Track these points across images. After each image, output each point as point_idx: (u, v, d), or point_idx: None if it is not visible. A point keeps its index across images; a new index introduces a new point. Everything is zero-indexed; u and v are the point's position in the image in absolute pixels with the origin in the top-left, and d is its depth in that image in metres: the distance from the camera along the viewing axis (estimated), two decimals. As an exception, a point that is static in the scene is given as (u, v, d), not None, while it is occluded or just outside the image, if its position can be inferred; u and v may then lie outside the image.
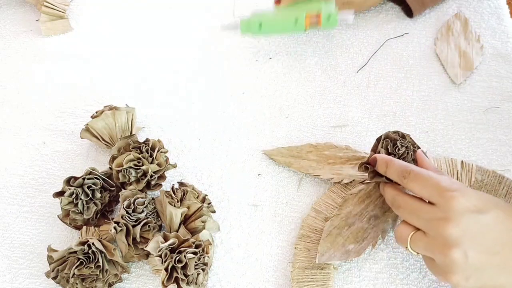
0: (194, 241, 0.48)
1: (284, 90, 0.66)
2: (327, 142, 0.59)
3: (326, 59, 0.69)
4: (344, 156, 0.57)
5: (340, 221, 0.52)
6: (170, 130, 0.62)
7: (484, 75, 0.65)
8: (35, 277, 0.51)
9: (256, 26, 0.65)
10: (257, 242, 0.53)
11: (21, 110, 0.65)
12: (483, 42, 0.68)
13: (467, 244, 0.40)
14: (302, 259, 0.50)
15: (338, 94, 0.65)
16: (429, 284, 0.49)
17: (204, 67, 0.69)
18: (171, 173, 0.58)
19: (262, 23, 0.65)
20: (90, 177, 0.52)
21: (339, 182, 0.55)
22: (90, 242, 0.47)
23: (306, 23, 0.65)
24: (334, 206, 0.54)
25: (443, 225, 0.41)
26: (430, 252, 0.43)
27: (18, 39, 0.73)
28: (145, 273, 0.51)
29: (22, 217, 0.55)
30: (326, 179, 0.55)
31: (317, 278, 0.49)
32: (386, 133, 0.51)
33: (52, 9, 0.73)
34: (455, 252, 0.40)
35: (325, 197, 0.55)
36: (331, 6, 0.64)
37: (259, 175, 0.58)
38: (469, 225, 0.41)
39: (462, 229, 0.41)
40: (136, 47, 0.72)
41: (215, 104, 0.65)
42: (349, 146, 0.58)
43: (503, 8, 0.72)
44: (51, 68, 0.70)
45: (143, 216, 0.50)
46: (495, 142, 0.59)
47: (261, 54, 0.70)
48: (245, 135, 0.61)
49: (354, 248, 0.50)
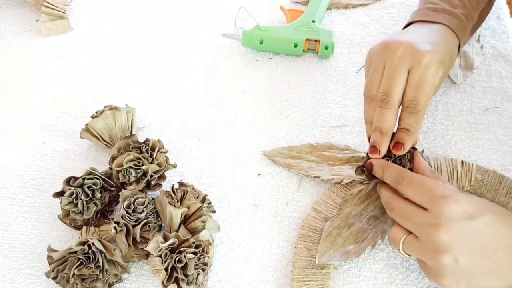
0: (194, 241, 0.48)
1: (284, 90, 0.66)
2: (327, 142, 0.59)
3: (326, 59, 0.69)
4: (344, 157, 0.57)
5: (340, 221, 0.52)
6: (170, 130, 0.62)
7: (484, 75, 0.65)
8: (35, 277, 0.51)
9: (257, 41, 0.68)
10: (257, 242, 0.53)
11: (21, 110, 0.65)
12: (483, 42, 0.68)
13: (457, 249, 0.41)
14: (302, 259, 0.50)
15: (338, 94, 0.65)
16: (429, 284, 0.49)
17: (204, 67, 0.69)
18: (171, 173, 0.58)
19: (264, 40, 0.68)
20: (90, 177, 0.52)
21: (339, 182, 0.55)
22: (90, 242, 0.47)
23: (305, 47, 0.69)
24: (334, 206, 0.54)
25: (434, 231, 0.42)
26: (422, 256, 0.44)
27: (18, 39, 0.73)
28: (145, 273, 0.51)
29: (22, 217, 0.55)
30: (326, 179, 0.56)
31: (317, 278, 0.49)
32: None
33: (52, 9, 0.73)
34: (445, 257, 0.41)
35: (325, 197, 0.55)
36: (330, 37, 0.68)
37: (259, 175, 0.58)
38: (460, 231, 0.42)
39: (453, 235, 0.42)
40: (136, 47, 0.72)
41: (215, 104, 0.65)
42: (349, 146, 0.58)
43: (503, 8, 0.72)
44: (51, 68, 0.70)
45: (143, 216, 0.50)
46: (495, 142, 0.59)
47: (261, 54, 0.70)
48: (245, 135, 0.61)
49: (353, 249, 0.50)
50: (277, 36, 0.68)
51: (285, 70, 0.68)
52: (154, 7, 0.77)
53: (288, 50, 0.69)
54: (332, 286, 0.49)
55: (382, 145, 0.49)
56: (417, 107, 0.48)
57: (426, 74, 0.48)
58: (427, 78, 0.48)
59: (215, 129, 0.62)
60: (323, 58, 0.69)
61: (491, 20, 0.70)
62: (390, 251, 0.51)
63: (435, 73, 0.49)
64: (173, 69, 0.69)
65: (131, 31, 0.74)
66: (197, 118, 0.63)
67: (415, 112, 0.48)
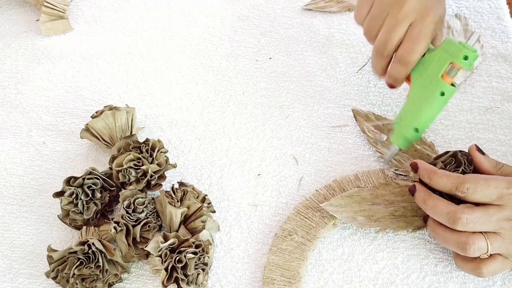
0: (194, 241, 0.48)
1: (284, 90, 0.66)
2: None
3: (326, 59, 0.69)
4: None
5: (368, 195, 0.52)
6: (170, 130, 0.62)
7: (484, 75, 0.65)
8: (35, 277, 0.51)
9: (412, 133, 0.52)
10: (257, 242, 0.53)
11: (21, 110, 0.65)
12: (483, 42, 0.68)
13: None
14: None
15: (338, 94, 0.65)
16: (430, 284, 0.49)
17: (204, 67, 0.69)
18: (171, 173, 0.58)
19: (419, 128, 0.52)
20: (90, 177, 0.52)
21: None
22: (90, 242, 0.47)
23: (447, 81, 0.50)
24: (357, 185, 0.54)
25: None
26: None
27: (18, 39, 0.73)
28: (145, 273, 0.51)
29: (22, 217, 0.55)
30: None
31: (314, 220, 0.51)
32: (455, 152, 0.51)
33: (52, 9, 0.73)
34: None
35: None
36: (458, 42, 0.50)
37: (259, 175, 0.58)
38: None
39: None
40: (136, 47, 0.72)
41: (215, 104, 0.65)
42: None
43: (503, 8, 0.72)
44: (51, 68, 0.70)
45: (143, 216, 0.50)
46: (495, 142, 0.59)
47: (261, 54, 0.70)
48: (245, 135, 0.61)
49: (361, 220, 0.51)
50: (419, 108, 0.51)
51: (285, 70, 0.68)
52: (154, 7, 0.77)
53: (441, 107, 0.51)
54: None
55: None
56: (410, 59, 0.50)
57: (427, 31, 0.49)
58: (427, 34, 0.49)
59: (215, 129, 0.62)
60: (323, 57, 0.68)
61: (491, 20, 0.70)
62: (390, 251, 0.51)
63: (434, 30, 0.50)
64: (173, 69, 0.69)
65: (131, 31, 0.74)
66: (197, 118, 0.63)
67: (406, 63, 0.50)
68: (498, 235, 0.45)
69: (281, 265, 0.50)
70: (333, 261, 0.51)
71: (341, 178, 0.56)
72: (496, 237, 0.45)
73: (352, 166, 0.58)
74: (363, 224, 0.51)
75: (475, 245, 0.45)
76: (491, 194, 0.45)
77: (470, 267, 0.47)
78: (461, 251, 0.46)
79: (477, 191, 0.45)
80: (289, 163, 0.59)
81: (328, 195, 0.54)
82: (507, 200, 0.45)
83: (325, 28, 0.72)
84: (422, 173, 0.49)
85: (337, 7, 0.75)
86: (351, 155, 0.59)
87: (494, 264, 0.46)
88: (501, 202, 0.45)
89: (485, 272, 0.46)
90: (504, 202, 0.45)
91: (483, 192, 0.45)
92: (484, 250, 0.45)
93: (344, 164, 0.58)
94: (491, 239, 0.45)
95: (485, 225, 0.45)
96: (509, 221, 0.45)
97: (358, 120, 0.60)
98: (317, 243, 0.52)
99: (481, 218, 0.45)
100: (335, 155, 0.59)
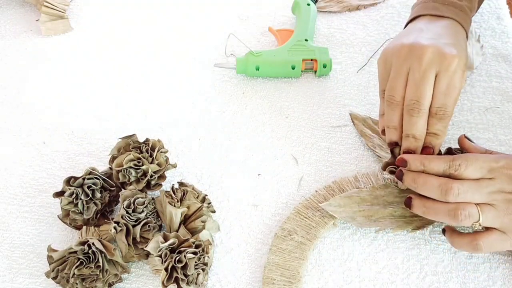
0: (194, 241, 0.48)
1: (284, 91, 0.66)
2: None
3: (326, 59, 0.69)
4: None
5: (367, 195, 0.52)
6: (170, 130, 0.62)
7: (484, 75, 0.65)
8: (35, 277, 0.51)
9: (253, 67, 0.65)
10: (257, 242, 0.53)
11: (21, 110, 0.65)
12: (483, 42, 0.68)
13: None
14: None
15: (338, 94, 0.65)
16: (430, 284, 0.49)
17: (204, 67, 0.69)
18: (171, 173, 0.58)
19: (260, 66, 0.65)
20: (90, 177, 0.52)
21: None
22: (90, 242, 0.47)
23: (302, 68, 0.66)
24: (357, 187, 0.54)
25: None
26: (504, 222, 0.45)
27: (18, 39, 0.73)
28: (145, 273, 0.51)
29: (22, 217, 0.55)
30: None
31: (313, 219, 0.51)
32: (449, 148, 0.53)
33: (52, 9, 0.73)
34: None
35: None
36: (326, 55, 0.66)
37: (259, 175, 0.58)
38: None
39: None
40: (136, 47, 0.72)
41: (215, 104, 0.65)
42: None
43: (503, 8, 0.72)
44: (51, 68, 0.70)
45: (143, 216, 0.50)
46: (495, 142, 0.59)
47: (261, 54, 0.70)
48: (245, 135, 0.61)
49: (361, 221, 0.51)
50: (273, 60, 0.65)
51: (285, 70, 0.68)
52: (154, 7, 0.77)
53: (285, 73, 0.66)
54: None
55: (417, 150, 0.50)
56: (446, 113, 0.49)
57: (454, 80, 0.49)
58: (455, 83, 0.49)
59: (215, 129, 0.62)
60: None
61: (491, 20, 0.70)
62: (390, 251, 0.51)
63: (462, 77, 0.49)
64: (173, 68, 0.69)
65: (131, 31, 0.74)
66: (197, 118, 0.63)
67: (444, 118, 0.49)
68: (491, 207, 0.46)
69: (281, 265, 0.50)
70: (333, 261, 0.51)
71: (340, 179, 0.56)
72: (489, 208, 0.46)
73: (352, 166, 0.58)
74: (362, 224, 0.51)
75: (465, 211, 0.45)
76: (482, 168, 0.46)
77: (466, 241, 0.47)
78: (453, 219, 0.46)
79: (468, 165, 0.46)
80: (289, 163, 0.59)
81: (327, 196, 0.54)
82: (498, 174, 0.46)
83: (325, 28, 0.72)
84: (414, 163, 0.49)
85: (337, 7, 0.75)
86: (351, 155, 0.59)
87: (491, 237, 0.46)
88: (493, 175, 0.46)
89: (482, 245, 0.46)
90: (495, 175, 0.46)
91: (474, 166, 0.46)
92: (475, 217, 0.45)
93: (344, 164, 0.58)
94: (484, 209, 0.46)
95: (477, 195, 0.46)
96: (501, 193, 0.46)
97: (356, 124, 0.60)
98: (317, 243, 0.52)
99: (472, 187, 0.46)
100: (335, 155, 0.59)
